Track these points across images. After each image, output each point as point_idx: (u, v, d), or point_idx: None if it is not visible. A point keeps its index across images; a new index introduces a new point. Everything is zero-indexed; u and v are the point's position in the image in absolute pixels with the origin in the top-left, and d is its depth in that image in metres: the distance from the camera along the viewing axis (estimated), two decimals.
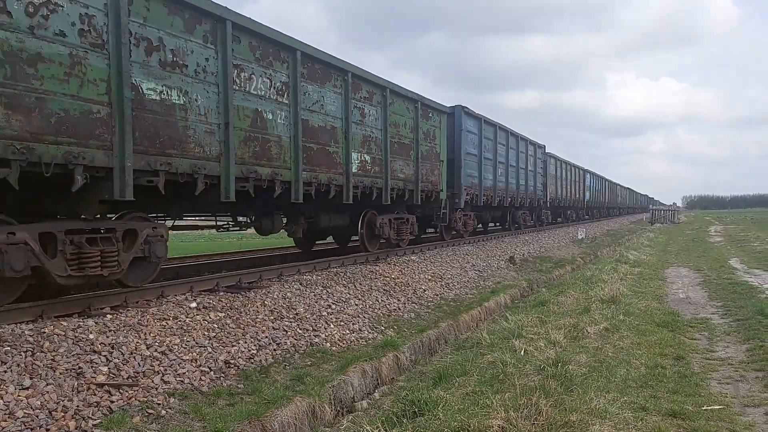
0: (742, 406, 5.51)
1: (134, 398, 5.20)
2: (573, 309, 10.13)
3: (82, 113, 6.33)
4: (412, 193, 14.64)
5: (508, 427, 4.73)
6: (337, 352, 7.67)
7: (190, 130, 7.75)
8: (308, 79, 10.36)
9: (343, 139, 11.50)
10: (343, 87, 11.49)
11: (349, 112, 11.62)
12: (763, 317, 9.09)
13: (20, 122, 5.76)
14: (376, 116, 12.85)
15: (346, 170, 11.56)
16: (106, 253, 7.02)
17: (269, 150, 9.32)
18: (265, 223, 10.90)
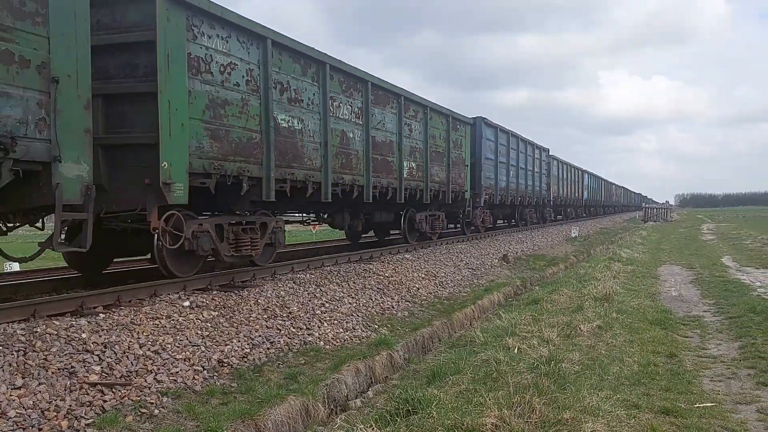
0: (734, 404, 5.54)
1: (127, 397, 5.19)
2: (566, 307, 10.16)
3: (248, 140, 9.06)
4: (445, 193, 17.52)
5: (502, 425, 4.73)
6: (331, 351, 7.67)
7: (305, 149, 10.53)
8: (375, 104, 13.16)
9: (397, 151, 14.39)
10: (397, 108, 14.40)
11: (401, 128, 14.56)
12: (754, 315, 9.14)
13: (217, 147, 8.43)
14: (419, 130, 15.81)
15: (399, 176, 14.44)
16: (254, 239, 9.57)
17: (351, 162, 12.18)
18: (338, 218, 13.93)
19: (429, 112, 16.22)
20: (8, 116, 5.56)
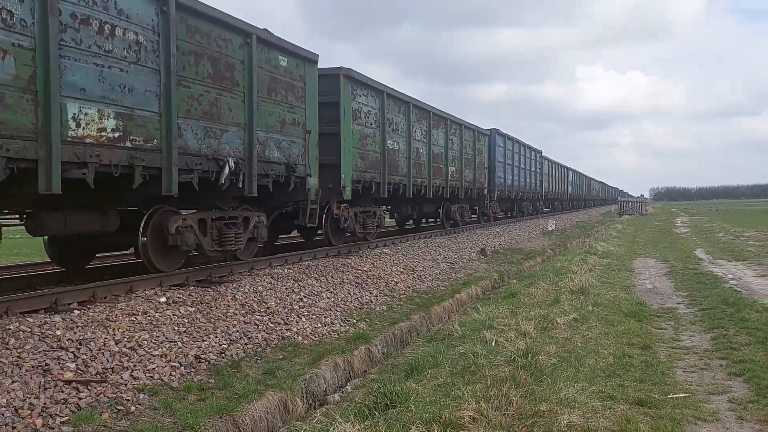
0: (706, 394, 5.64)
1: (103, 395, 5.13)
2: (543, 300, 10.25)
3: (375, 159, 14.58)
4: (471, 190, 23.24)
5: (479, 418, 4.77)
6: (309, 346, 7.66)
7: (399, 162, 16.17)
8: (433, 127, 18.85)
9: (445, 159, 20.01)
10: (444, 128, 20.12)
11: (447, 142, 20.24)
12: (726, 306, 9.30)
13: (363, 165, 13.90)
14: (457, 143, 21.47)
15: (446, 178, 20.04)
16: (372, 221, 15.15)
17: (421, 169, 17.80)
18: (404, 210, 19.38)
19: (462, 129, 22.05)
20: (293, 153, 10.72)
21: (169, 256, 8.72)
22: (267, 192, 10.11)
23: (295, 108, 10.74)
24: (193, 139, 8.32)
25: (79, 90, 6.59)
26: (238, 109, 9.21)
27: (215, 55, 8.75)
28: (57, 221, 7.44)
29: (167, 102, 7.79)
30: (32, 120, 6.10)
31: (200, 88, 8.45)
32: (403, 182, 16.31)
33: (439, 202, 20.85)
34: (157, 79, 7.71)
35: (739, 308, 9.03)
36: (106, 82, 6.94)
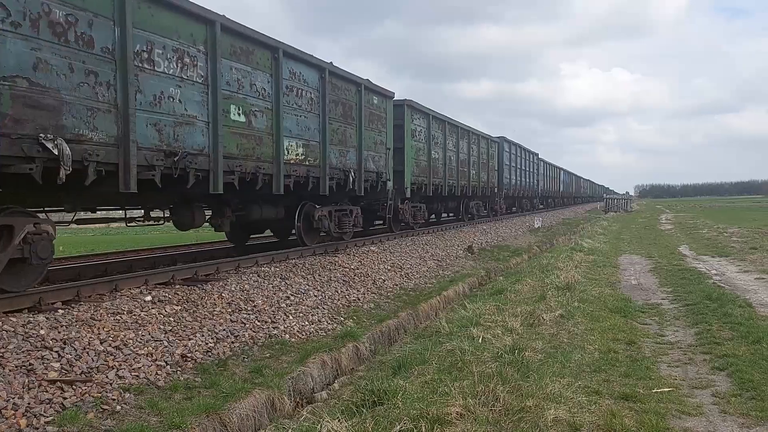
0: (690, 388, 5.70)
1: (88, 394, 5.10)
2: (529, 297, 10.30)
3: (425, 166, 19.32)
4: (485, 189, 27.66)
5: (466, 413, 4.79)
6: (297, 344, 7.64)
7: (438, 168, 20.67)
8: (460, 138, 23.46)
9: (467, 165, 24.58)
10: (467, 138, 24.70)
11: (469, 150, 24.88)
12: (710, 302, 9.40)
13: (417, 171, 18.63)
14: (475, 150, 25.89)
15: (469, 179, 24.63)
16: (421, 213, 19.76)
17: (452, 173, 22.33)
18: (433, 207, 22.55)
19: (479, 138, 26.73)
20: (380, 165, 14.99)
21: (312, 235, 13.12)
22: (365, 193, 14.45)
23: (381, 132, 15.34)
24: (334, 158, 12.81)
25: (288, 131, 10.95)
26: (353, 137, 13.81)
27: (343, 101, 13.25)
28: (256, 211, 11.55)
29: (323, 135, 12.25)
30: (272, 151, 10.47)
31: (337, 124, 12.95)
32: (441, 184, 21.00)
33: (460, 200, 25.24)
34: (319, 120, 12.13)
35: (722, 304, 9.13)
36: (299, 125, 11.37)
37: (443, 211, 25.21)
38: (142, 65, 7.52)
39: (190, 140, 8.44)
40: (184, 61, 8.29)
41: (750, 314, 8.39)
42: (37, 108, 6.17)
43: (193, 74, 8.51)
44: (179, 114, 8.24)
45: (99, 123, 6.92)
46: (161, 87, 7.90)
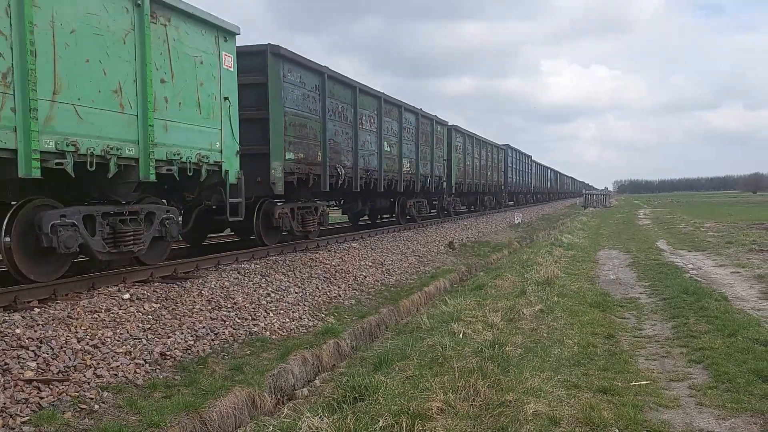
0: (667, 381, 5.77)
1: (65, 393, 5.04)
2: (510, 292, 10.36)
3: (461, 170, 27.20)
4: (495, 187, 35.71)
5: (447, 408, 4.81)
6: (277, 341, 7.62)
7: (469, 171, 28.75)
8: (481, 148, 31.53)
9: (486, 168, 32.61)
10: (486, 148, 32.56)
11: (488, 157, 33.15)
12: (687, 296, 9.52)
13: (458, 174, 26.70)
14: (489, 157, 33.55)
15: (487, 179, 32.57)
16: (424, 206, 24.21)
17: (475, 174, 29.88)
18: (463, 200, 29.72)
19: (492, 147, 34.87)
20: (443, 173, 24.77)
21: (403, 217, 20.86)
22: (434, 191, 23.48)
23: (441, 149, 23.96)
24: (422, 169, 21.14)
25: (404, 154, 19.12)
26: (429, 154, 22.02)
27: (425, 131, 21.70)
28: (374, 204, 18.65)
29: (417, 155, 20.57)
30: (398, 166, 18.72)
31: (423, 147, 21.30)
32: (470, 183, 29.08)
33: (478, 195, 32.81)
34: (416, 146, 20.53)
35: (699, 297, 9.25)
36: (408, 150, 19.51)
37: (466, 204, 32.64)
38: (360, 126, 15.66)
39: (372, 164, 16.71)
40: (371, 121, 16.60)
41: (726, 308, 8.51)
42: (334, 152, 14.14)
43: (372, 128, 16.72)
44: (369, 150, 16.44)
45: (349, 157, 15.12)
46: (365, 136, 16.05)
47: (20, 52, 6.22)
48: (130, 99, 7.68)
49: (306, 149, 12.77)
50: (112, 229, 7.89)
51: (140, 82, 7.82)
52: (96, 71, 7.17)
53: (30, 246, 7.00)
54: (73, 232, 7.15)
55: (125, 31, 7.60)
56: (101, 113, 7.22)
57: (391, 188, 18.19)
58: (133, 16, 7.71)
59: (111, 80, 7.38)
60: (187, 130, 8.77)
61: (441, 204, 25.51)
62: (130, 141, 7.66)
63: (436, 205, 25.38)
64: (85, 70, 7.01)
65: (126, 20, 7.60)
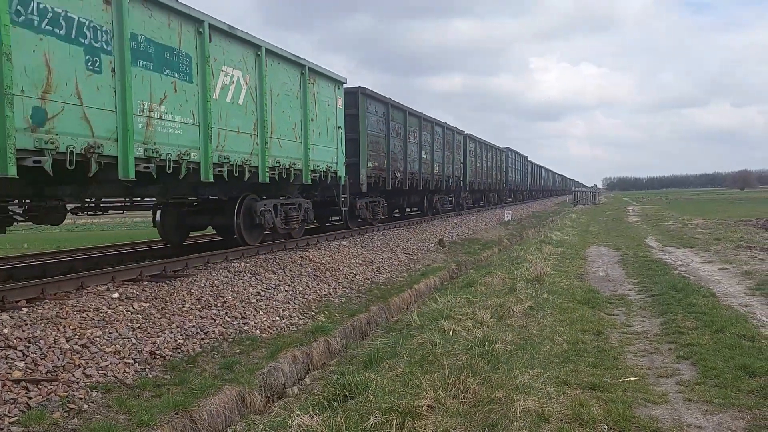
0: (656, 377, 5.81)
1: (54, 393, 5.01)
2: (500, 289, 10.39)
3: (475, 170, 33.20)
4: (499, 185, 40.77)
5: (437, 406, 4.82)
6: (267, 339, 7.61)
7: (484, 172, 35.49)
8: (492, 153, 38.27)
9: (495, 169, 38.97)
10: (495, 152, 39.04)
11: (492, 159, 38.04)
12: (675, 292, 9.58)
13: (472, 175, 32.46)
14: (495, 159, 39.19)
15: (492, 178, 38.00)
16: None
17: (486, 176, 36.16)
18: (477, 197, 36.30)
19: (497, 150, 39.85)
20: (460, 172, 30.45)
21: (432, 210, 25.08)
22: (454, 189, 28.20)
23: (459, 154, 28.74)
24: (441, 169, 25.24)
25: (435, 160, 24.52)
26: (451, 158, 26.82)
27: (448, 140, 26.44)
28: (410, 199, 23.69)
29: (442, 159, 25.49)
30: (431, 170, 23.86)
31: (447, 153, 26.13)
32: (480, 182, 34.05)
33: (484, 192, 37.23)
34: (442, 152, 25.49)
35: (687, 294, 9.32)
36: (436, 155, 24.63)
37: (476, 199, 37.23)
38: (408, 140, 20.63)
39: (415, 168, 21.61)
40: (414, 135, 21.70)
41: (713, 304, 8.57)
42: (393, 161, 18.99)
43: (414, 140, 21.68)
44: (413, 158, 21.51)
45: (401, 164, 19.84)
46: (410, 147, 21.04)
47: (260, 111, 10.97)
48: (299, 133, 12.51)
49: (377, 159, 17.99)
50: (285, 213, 12.70)
51: (303, 121, 12.65)
52: (286, 118, 11.97)
53: (248, 222, 11.68)
54: (270, 215, 11.91)
55: (296, 91, 12.43)
56: (288, 142, 12.05)
57: (425, 187, 23.30)
58: (300, 81, 12.57)
59: (291, 122, 12.20)
60: (322, 150, 13.58)
61: (457, 199, 29.78)
62: (300, 158, 12.55)
63: (452, 200, 29.51)
64: (282, 117, 11.81)
65: (297, 84, 12.46)
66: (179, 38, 8.82)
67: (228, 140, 10.00)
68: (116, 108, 7.56)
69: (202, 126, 9.24)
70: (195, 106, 9.12)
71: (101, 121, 7.33)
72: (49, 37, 6.64)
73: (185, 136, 8.88)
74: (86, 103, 7.11)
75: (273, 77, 11.34)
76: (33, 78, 6.44)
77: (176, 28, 8.76)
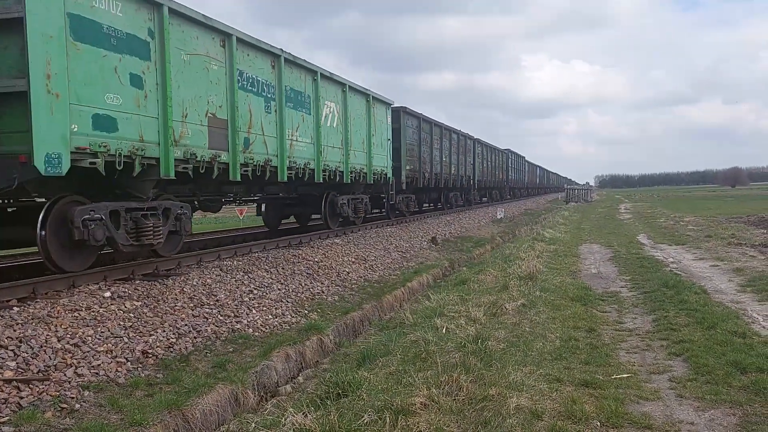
0: (648, 374, 5.83)
1: (45, 393, 4.98)
2: (492, 286, 10.40)
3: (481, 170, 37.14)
4: (500, 183, 45.21)
5: (431, 403, 4.82)
6: (260, 338, 7.59)
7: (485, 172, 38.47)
8: (495, 154, 42.46)
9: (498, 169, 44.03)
10: (493, 153, 41.76)
11: (495, 160, 42.50)
12: (667, 289, 9.62)
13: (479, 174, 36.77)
14: (497, 160, 43.23)
15: (496, 176, 42.67)
16: None
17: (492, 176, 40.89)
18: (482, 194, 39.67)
19: (499, 151, 43.78)
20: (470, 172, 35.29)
21: (447, 204, 29.66)
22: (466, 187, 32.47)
23: (470, 156, 32.67)
24: (456, 170, 29.51)
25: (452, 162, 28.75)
26: (463, 160, 30.79)
27: (461, 144, 30.70)
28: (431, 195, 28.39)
29: (457, 161, 29.69)
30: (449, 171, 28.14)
31: (461, 156, 30.54)
32: (486, 181, 38.16)
33: (488, 189, 41.33)
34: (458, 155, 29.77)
35: (679, 291, 9.35)
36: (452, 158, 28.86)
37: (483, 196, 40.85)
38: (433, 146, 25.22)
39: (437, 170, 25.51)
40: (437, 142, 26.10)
41: (705, 300, 8.62)
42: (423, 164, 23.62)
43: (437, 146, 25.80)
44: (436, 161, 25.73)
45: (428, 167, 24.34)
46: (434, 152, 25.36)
47: (345, 131, 15.39)
48: (365, 145, 17.03)
49: (412, 163, 22.26)
50: (355, 206, 17.07)
51: (367, 136, 17.13)
52: (358, 135, 16.50)
53: (331, 212, 15.92)
54: (346, 207, 16.27)
55: (363, 114, 16.94)
56: (359, 153, 16.59)
57: (444, 185, 27.43)
58: (366, 107, 17.12)
59: (361, 138, 16.75)
60: (378, 158, 18.02)
61: (467, 196, 33.57)
62: (366, 164, 17.03)
63: (462, 197, 32.58)
64: (356, 135, 16.27)
65: (364, 109, 17.00)
66: (304, 84, 13.21)
67: (328, 153, 14.46)
68: (278, 135, 11.83)
69: (315, 144, 13.64)
70: (312, 130, 13.49)
71: (271, 144, 11.60)
72: (251, 94, 10.86)
73: (307, 152, 13.25)
74: (265, 133, 11.36)
75: (351, 106, 15.82)
76: (245, 120, 10.64)
77: (303, 78, 13.17)
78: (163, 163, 8.46)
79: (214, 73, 9.70)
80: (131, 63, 7.92)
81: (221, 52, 9.90)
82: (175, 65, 8.70)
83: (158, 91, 8.40)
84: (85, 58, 7.20)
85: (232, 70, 10.09)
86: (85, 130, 7.20)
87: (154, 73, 8.33)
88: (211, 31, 9.65)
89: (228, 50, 10.04)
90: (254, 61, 10.95)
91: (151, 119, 8.29)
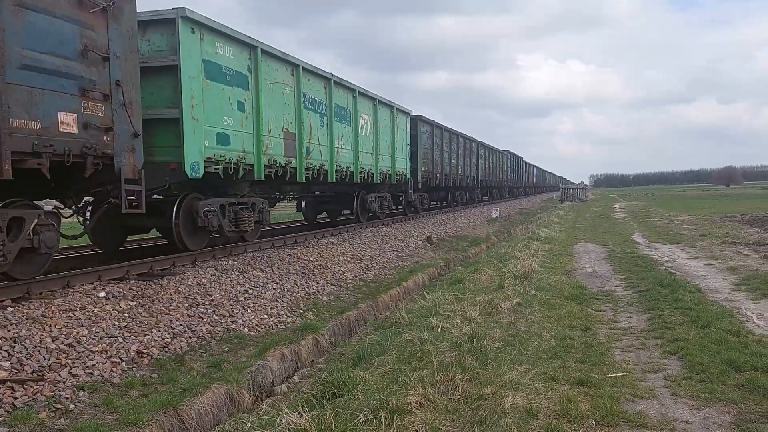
0: (643, 372, 5.84)
1: (40, 393, 4.97)
2: (488, 286, 10.41)
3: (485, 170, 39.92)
4: (500, 182, 47.86)
5: (426, 403, 4.82)
6: (255, 337, 7.58)
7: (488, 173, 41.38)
8: (491, 154, 42.93)
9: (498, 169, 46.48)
10: (498, 155, 46.77)
11: (497, 161, 46.09)
12: (662, 288, 9.65)
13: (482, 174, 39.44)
14: (497, 161, 46.07)
15: (497, 176, 45.95)
16: None
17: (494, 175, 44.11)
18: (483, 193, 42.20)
19: (499, 152, 46.62)
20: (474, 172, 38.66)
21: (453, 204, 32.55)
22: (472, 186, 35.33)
23: (473, 158, 35.23)
24: (462, 170, 31.98)
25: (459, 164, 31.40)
26: (468, 161, 33.43)
27: (467, 147, 33.40)
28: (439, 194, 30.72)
29: (463, 163, 32.25)
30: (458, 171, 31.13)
31: (467, 158, 33.39)
32: (488, 180, 40.29)
33: (489, 188, 43.47)
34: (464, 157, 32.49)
35: (674, 289, 9.38)
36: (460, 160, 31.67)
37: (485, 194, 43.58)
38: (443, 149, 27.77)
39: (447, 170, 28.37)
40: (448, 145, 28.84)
41: (699, 299, 8.64)
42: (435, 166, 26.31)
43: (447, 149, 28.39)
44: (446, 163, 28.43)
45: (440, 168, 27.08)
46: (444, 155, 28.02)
47: (375, 139, 18.38)
48: (390, 150, 19.77)
49: (426, 165, 24.78)
50: (380, 203, 19.62)
51: (391, 143, 19.82)
52: (384, 141, 19.25)
53: (362, 208, 18.32)
54: (374, 203, 18.99)
55: (389, 123, 19.65)
56: (386, 157, 19.38)
57: (453, 185, 30.29)
58: (390, 116, 19.83)
59: (387, 143, 19.47)
60: (400, 161, 20.88)
61: (471, 195, 36.64)
62: (390, 167, 19.71)
63: (466, 195, 35.47)
64: (383, 141, 19.18)
65: (389, 118, 19.71)
66: (346, 101, 15.99)
67: (363, 158, 17.11)
68: (329, 144, 14.60)
69: (354, 151, 16.40)
70: (352, 139, 16.23)
71: (325, 152, 14.45)
72: (311, 111, 13.57)
73: (348, 157, 16.02)
74: (320, 143, 14.11)
75: (380, 116, 18.66)
76: (307, 132, 13.31)
77: (345, 96, 15.93)
78: (256, 168, 11.12)
79: (287, 96, 12.44)
80: (238, 93, 10.59)
81: (291, 79, 12.70)
82: (264, 92, 11.36)
83: (254, 113, 11.07)
84: (213, 92, 9.83)
85: (299, 93, 12.88)
86: (212, 144, 9.84)
87: (251, 99, 11.00)
88: (285, 63, 12.43)
89: (296, 77, 12.84)
90: (313, 85, 13.75)
91: (249, 135, 10.99)
